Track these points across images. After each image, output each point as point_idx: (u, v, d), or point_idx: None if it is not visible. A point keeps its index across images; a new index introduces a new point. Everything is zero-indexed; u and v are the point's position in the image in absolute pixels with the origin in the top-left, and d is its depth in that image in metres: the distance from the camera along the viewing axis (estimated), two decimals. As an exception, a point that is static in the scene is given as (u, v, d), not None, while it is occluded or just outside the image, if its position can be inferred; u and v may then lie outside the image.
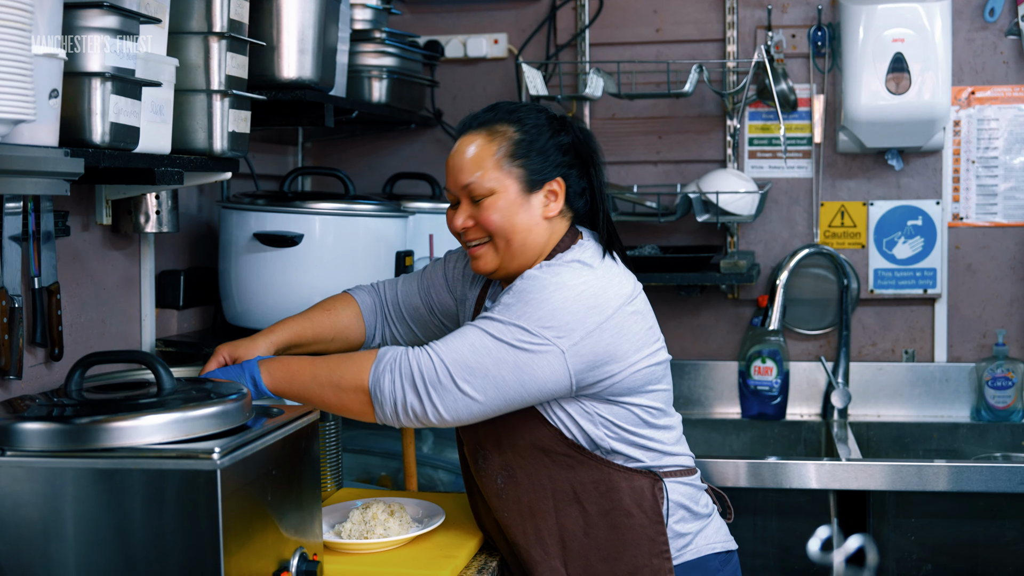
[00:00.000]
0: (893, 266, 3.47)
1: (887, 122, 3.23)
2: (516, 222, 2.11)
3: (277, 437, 1.81)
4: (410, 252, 2.85)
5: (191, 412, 1.70)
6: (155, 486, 1.64)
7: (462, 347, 1.99)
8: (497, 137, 2.12)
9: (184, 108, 2.26)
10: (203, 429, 1.70)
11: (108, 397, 1.85)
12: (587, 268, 2.08)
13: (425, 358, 1.99)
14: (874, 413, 3.47)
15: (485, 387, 1.98)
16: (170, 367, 1.88)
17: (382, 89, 3.14)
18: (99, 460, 1.65)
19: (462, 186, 2.12)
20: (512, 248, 2.12)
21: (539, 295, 2.01)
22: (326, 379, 2.04)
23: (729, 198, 3.25)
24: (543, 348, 1.98)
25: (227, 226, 2.76)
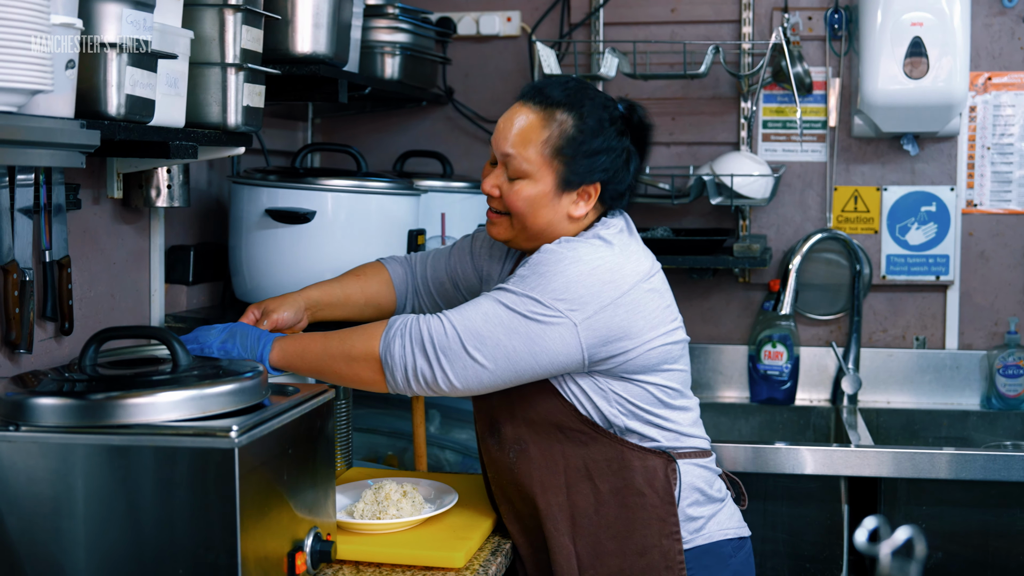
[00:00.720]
0: (906, 252, 3.45)
1: (903, 107, 3.20)
2: (539, 214, 2.09)
3: (293, 416, 1.79)
4: (422, 231, 2.83)
5: (207, 389, 1.68)
6: (171, 464, 1.62)
7: (474, 315, 1.98)
8: (552, 124, 2.08)
9: (198, 81, 2.24)
10: (220, 407, 1.69)
11: (122, 373, 1.84)
12: (605, 244, 2.07)
13: (436, 323, 1.98)
14: (884, 400, 3.46)
15: (495, 355, 1.97)
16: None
17: (395, 65, 3.11)
18: (115, 437, 1.63)
19: (502, 153, 2.10)
20: (527, 232, 2.11)
21: (554, 267, 2.00)
22: (337, 350, 2.03)
23: (743, 181, 3.23)
24: (555, 320, 1.97)
25: (238, 201, 2.74)
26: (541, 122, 2.08)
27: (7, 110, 1.56)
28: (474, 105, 3.61)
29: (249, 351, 2.07)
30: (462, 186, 3.23)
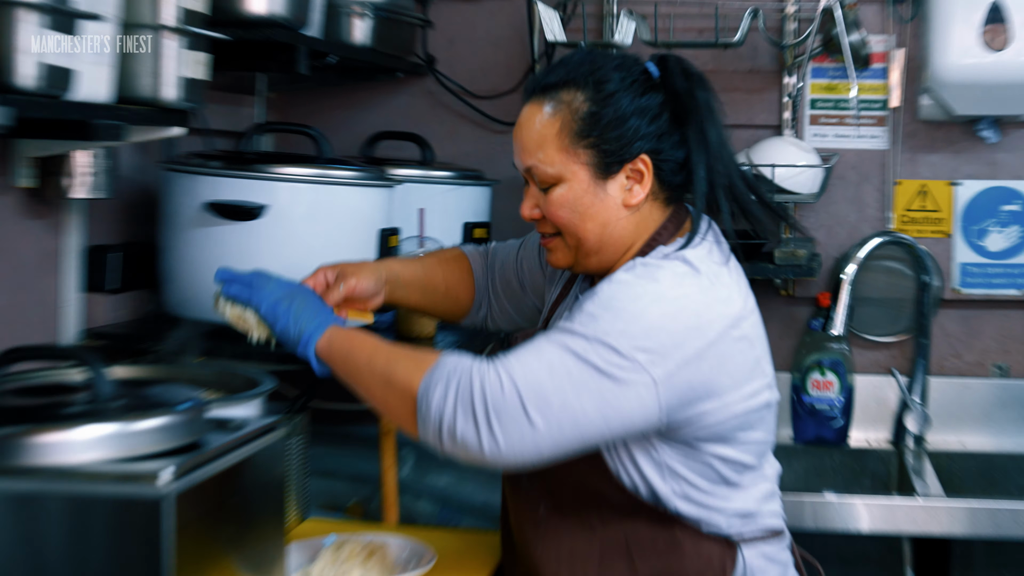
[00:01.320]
0: (984, 260, 3.46)
1: (981, 84, 3.22)
2: (589, 216, 2.06)
3: (237, 457, 1.78)
4: (395, 230, 2.83)
5: (133, 424, 1.67)
6: (87, 516, 1.60)
7: (538, 367, 1.91)
8: (562, 108, 2.06)
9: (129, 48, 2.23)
10: (147, 446, 1.67)
11: (29, 403, 1.82)
12: (691, 272, 2.00)
13: (492, 376, 1.90)
14: (957, 441, 3.47)
15: (560, 419, 1.89)
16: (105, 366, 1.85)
17: (365, 29, 3.11)
18: (19, 482, 1.62)
19: (524, 168, 2.11)
20: (586, 245, 2.08)
21: (632, 305, 1.93)
22: (381, 367, 2.01)
23: (787, 173, 3.24)
24: (634, 376, 1.90)
25: (173, 193, 2.73)
26: (551, 113, 2.07)
27: None
28: (460, 77, 3.62)
29: (299, 325, 2.10)
30: (445, 175, 3.23)
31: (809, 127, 3.51)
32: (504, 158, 3.58)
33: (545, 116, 2.08)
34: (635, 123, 2.05)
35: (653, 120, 2.06)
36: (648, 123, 2.06)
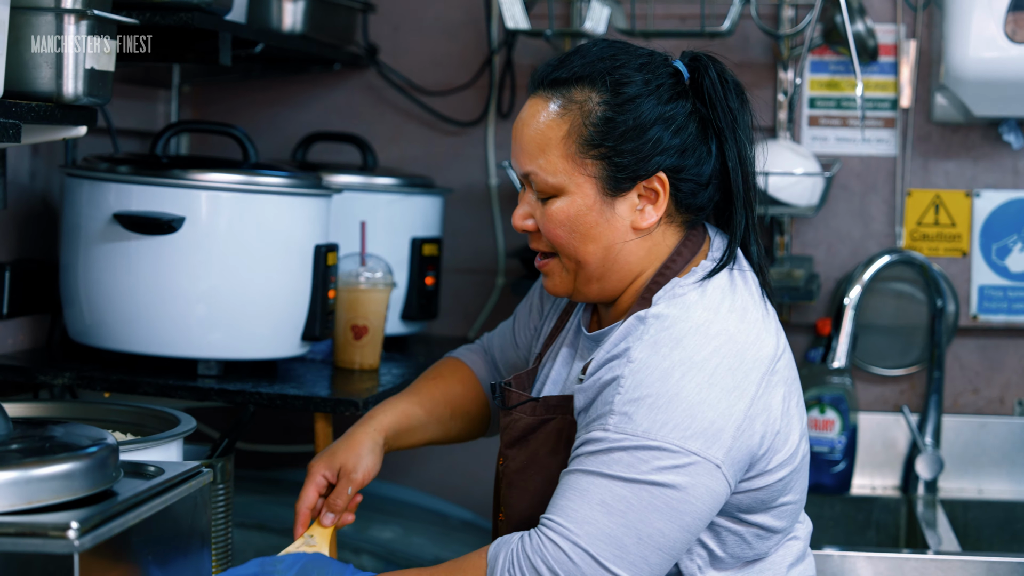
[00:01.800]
0: (1006, 282, 3.50)
1: (1004, 81, 3.24)
2: (591, 238, 2.04)
3: (156, 507, 1.79)
4: (334, 246, 2.84)
5: (36, 470, 1.67)
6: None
7: (593, 515, 1.89)
8: (573, 109, 2.03)
9: (22, 33, 2.23)
10: (54, 494, 1.67)
11: (-87, 445, 1.82)
12: (713, 312, 1.99)
13: (553, 549, 1.89)
14: (975, 488, 3.49)
15: (644, 556, 1.90)
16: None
17: (297, 13, 3.12)
18: (-98, 536, 1.62)
19: (523, 172, 2.08)
20: (587, 271, 2.07)
21: (663, 388, 1.91)
22: None
23: (782, 182, 3.26)
24: (695, 470, 1.89)
25: (74, 203, 2.73)
26: (559, 113, 2.04)
27: None
28: (407, 70, 3.64)
29: None
30: (389, 183, 3.25)
31: (808, 129, 3.55)
32: (458, 164, 3.61)
33: (551, 115, 2.05)
34: (656, 134, 2.02)
35: (677, 132, 2.03)
36: (672, 135, 2.03)
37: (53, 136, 2.45)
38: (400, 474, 3.59)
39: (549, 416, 2.11)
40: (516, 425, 2.16)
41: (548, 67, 2.10)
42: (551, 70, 2.09)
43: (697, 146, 2.05)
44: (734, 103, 2.06)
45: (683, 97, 2.05)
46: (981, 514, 3.43)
